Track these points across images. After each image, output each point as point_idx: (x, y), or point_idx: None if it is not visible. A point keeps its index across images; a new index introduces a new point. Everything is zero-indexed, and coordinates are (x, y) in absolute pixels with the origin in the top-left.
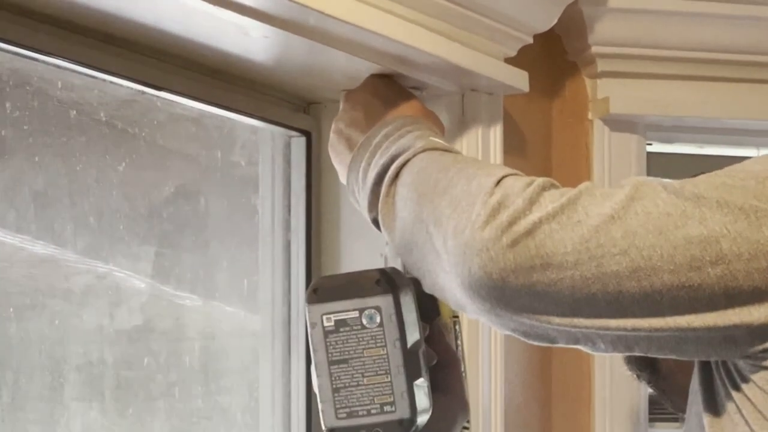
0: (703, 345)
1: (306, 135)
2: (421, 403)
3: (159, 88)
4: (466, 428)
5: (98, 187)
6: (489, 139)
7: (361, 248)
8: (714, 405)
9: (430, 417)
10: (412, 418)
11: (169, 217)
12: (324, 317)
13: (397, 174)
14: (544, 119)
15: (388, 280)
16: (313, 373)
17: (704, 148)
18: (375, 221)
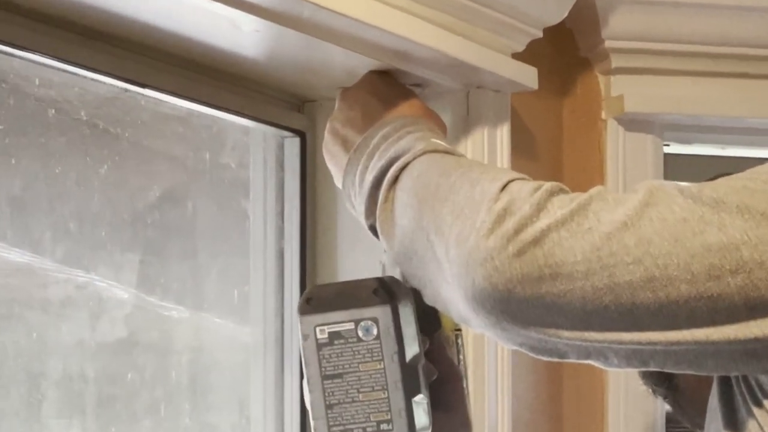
0: (723, 359)
1: (300, 135)
2: (420, 421)
3: (144, 85)
4: None
5: (79, 191)
6: (495, 140)
7: (359, 256)
8: (734, 423)
9: None
10: None
11: (155, 223)
12: (317, 329)
13: (396, 178)
14: (554, 119)
15: (386, 290)
16: (305, 388)
17: (725, 150)
18: (372, 228)
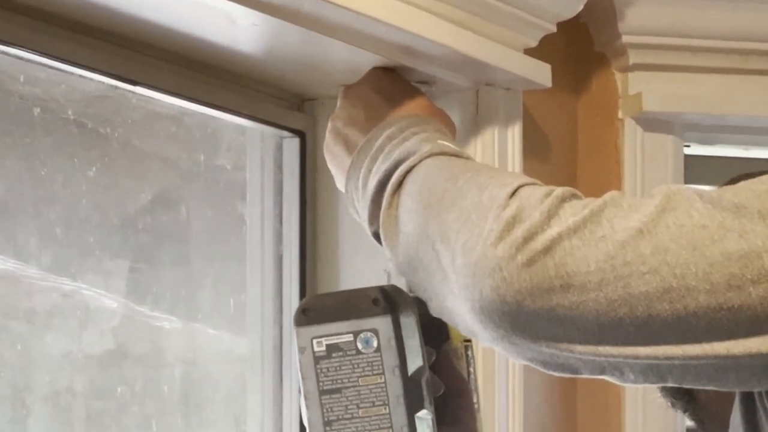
0: (745, 374)
1: (300, 135)
2: None
3: (134, 82)
4: None
5: (66, 194)
6: (506, 140)
7: (362, 263)
8: None
9: None
10: None
11: (146, 228)
12: (314, 341)
13: (400, 182)
14: (568, 118)
15: (387, 300)
16: (302, 403)
17: (749, 151)
18: (376, 235)
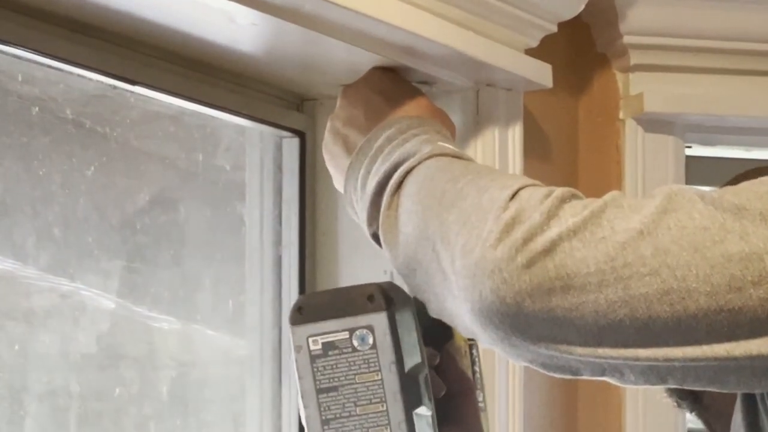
0: (746, 376)
1: (299, 135)
2: None
3: (133, 82)
4: None
5: (64, 194)
6: (507, 140)
7: (362, 264)
8: None
9: None
10: None
11: (144, 228)
12: (310, 339)
13: (400, 183)
14: (569, 119)
15: (383, 296)
16: (299, 403)
17: (751, 152)
18: (376, 236)
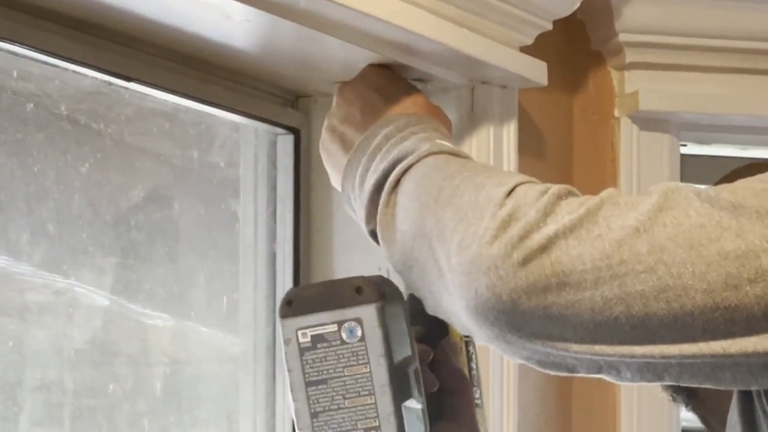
0: (742, 373)
1: (294, 132)
2: (413, 428)
3: (128, 78)
4: None
5: (58, 191)
6: (502, 138)
7: (356, 261)
8: None
9: None
10: None
11: (138, 225)
12: (299, 332)
13: (398, 181)
14: (564, 116)
15: (371, 289)
16: (288, 396)
17: (746, 150)
18: (373, 234)
